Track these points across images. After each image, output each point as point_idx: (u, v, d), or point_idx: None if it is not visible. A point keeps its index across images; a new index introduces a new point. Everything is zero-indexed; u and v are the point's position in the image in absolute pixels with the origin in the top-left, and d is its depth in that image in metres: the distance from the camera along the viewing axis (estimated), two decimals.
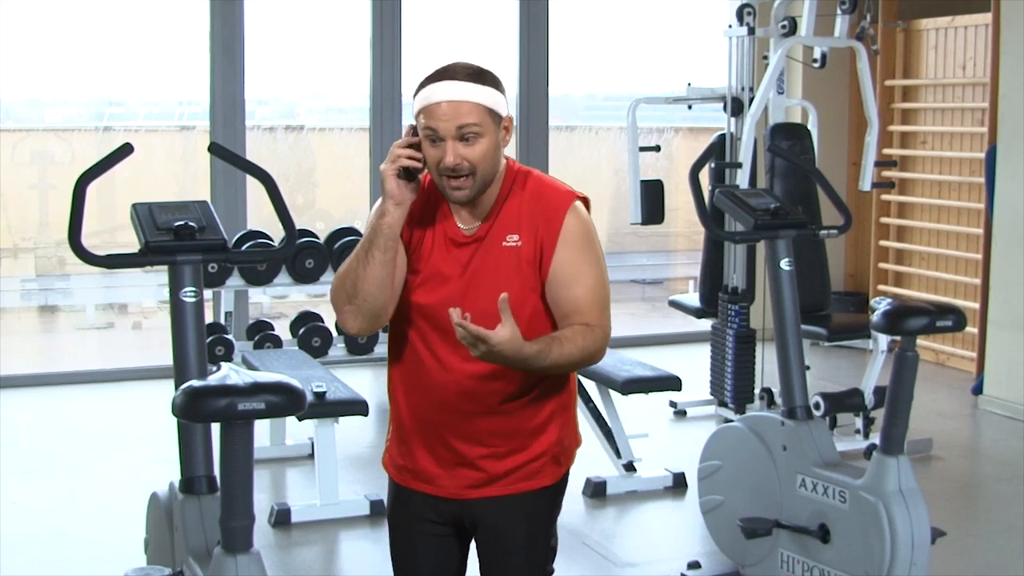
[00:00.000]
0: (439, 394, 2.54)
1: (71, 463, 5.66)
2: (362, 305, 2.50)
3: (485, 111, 2.43)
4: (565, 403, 2.63)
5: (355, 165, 8.29)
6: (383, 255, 2.46)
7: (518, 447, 2.56)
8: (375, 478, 5.41)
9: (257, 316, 7.62)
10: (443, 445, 2.57)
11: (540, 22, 7.84)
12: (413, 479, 2.63)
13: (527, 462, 2.57)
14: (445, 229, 2.54)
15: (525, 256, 2.48)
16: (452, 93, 2.41)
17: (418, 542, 2.66)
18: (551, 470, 2.61)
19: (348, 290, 2.51)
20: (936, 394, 6.96)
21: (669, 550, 4.64)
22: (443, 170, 2.43)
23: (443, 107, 2.41)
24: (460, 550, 2.69)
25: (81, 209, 3.01)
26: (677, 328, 8.48)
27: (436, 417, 2.56)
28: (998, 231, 6.67)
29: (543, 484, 2.60)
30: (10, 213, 8.49)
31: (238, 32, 7.18)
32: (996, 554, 4.63)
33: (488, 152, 2.44)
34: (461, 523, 2.64)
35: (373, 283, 2.48)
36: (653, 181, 6.32)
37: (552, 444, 2.60)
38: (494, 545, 2.63)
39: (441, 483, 2.59)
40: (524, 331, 2.41)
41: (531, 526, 2.63)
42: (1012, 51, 6.55)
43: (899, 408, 3.57)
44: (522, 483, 2.58)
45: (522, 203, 2.51)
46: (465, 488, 2.58)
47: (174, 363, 3.04)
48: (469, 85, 2.42)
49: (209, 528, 2.87)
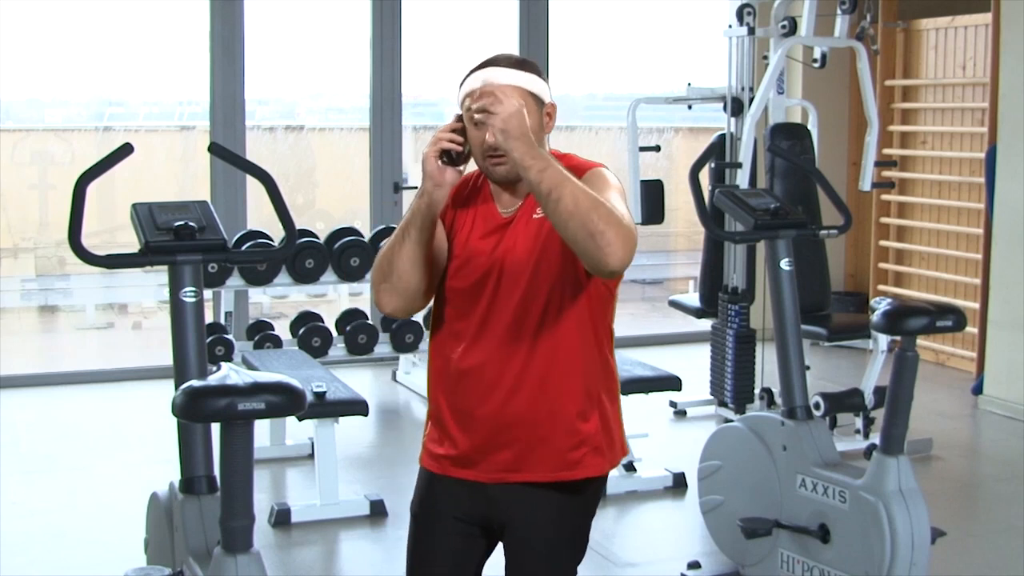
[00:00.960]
0: (475, 373, 2.54)
1: (71, 463, 5.66)
2: (397, 284, 2.53)
3: (526, 93, 2.49)
4: (606, 391, 2.60)
5: (355, 165, 8.29)
6: (419, 235, 2.50)
7: (557, 431, 2.53)
8: (375, 478, 5.41)
9: (257, 316, 7.62)
10: (482, 425, 2.55)
11: (540, 22, 7.84)
12: (450, 465, 2.60)
13: (569, 448, 2.54)
14: (485, 214, 2.57)
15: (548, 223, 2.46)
16: (495, 78, 2.48)
17: (440, 539, 2.63)
18: (593, 461, 2.56)
19: (384, 268, 2.54)
20: (936, 394, 6.96)
21: (669, 550, 4.64)
22: (486, 150, 2.47)
23: (487, 88, 2.47)
24: (483, 552, 2.66)
25: (81, 209, 3.01)
26: (677, 328, 8.48)
27: (472, 400, 2.55)
28: (998, 231, 6.67)
29: (585, 475, 2.56)
30: (10, 213, 8.49)
31: (238, 32, 7.18)
32: (996, 554, 4.63)
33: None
34: (489, 524, 2.61)
35: (408, 262, 2.51)
36: (653, 181, 6.33)
37: (593, 434, 2.56)
38: (523, 546, 2.59)
39: (479, 466, 2.56)
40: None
41: (564, 526, 2.59)
42: (1012, 51, 6.55)
43: (899, 408, 3.57)
44: (563, 471, 2.54)
45: None
46: (502, 471, 2.55)
47: (174, 363, 3.04)
48: (512, 71, 2.50)
49: (209, 528, 2.87)
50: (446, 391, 2.60)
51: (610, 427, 2.61)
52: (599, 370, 2.58)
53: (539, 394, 2.52)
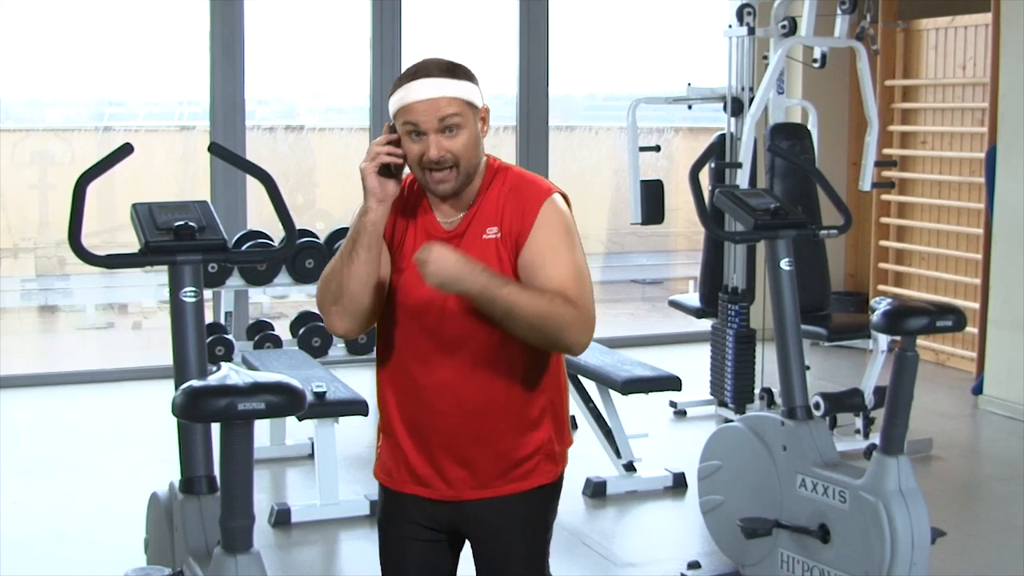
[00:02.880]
0: (426, 394, 2.53)
1: (71, 463, 5.66)
2: (348, 305, 2.50)
3: (463, 103, 2.44)
4: (555, 400, 2.61)
5: (355, 165, 8.21)
6: (367, 253, 2.46)
7: (510, 445, 2.54)
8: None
9: (257, 316, 7.62)
10: (435, 445, 2.55)
11: (540, 22, 7.84)
12: (406, 483, 2.60)
13: (521, 460, 2.55)
14: (426, 226, 2.53)
15: (505, 247, 2.47)
16: (430, 90, 2.42)
17: (408, 548, 2.63)
18: (546, 468, 2.59)
19: (334, 291, 2.51)
20: (936, 394, 6.96)
21: (669, 550, 4.64)
22: (426, 164, 2.44)
23: (423, 103, 2.42)
24: (452, 557, 2.67)
25: (81, 209, 3.01)
26: (677, 328, 8.47)
27: (426, 418, 2.54)
28: (998, 231, 6.67)
29: (540, 483, 2.58)
30: (10, 213, 8.49)
31: (238, 32, 7.18)
32: (996, 554, 4.63)
33: (470, 143, 2.45)
34: (455, 530, 2.62)
35: (358, 282, 2.47)
36: (653, 181, 6.32)
37: (545, 441, 2.58)
38: (491, 550, 2.61)
39: (435, 485, 2.57)
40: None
41: (528, 529, 2.61)
42: (1012, 51, 6.55)
43: (899, 408, 3.57)
44: (518, 483, 2.56)
45: (500, 196, 2.50)
46: (460, 489, 2.56)
47: (174, 363, 3.04)
48: (445, 81, 2.44)
49: (209, 528, 2.87)
50: (399, 412, 2.59)
51: (559, 429, 2.62)
52: (549, 373, 2.58)
53: (494, 411, 2.51)
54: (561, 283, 2.41)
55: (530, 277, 2.44)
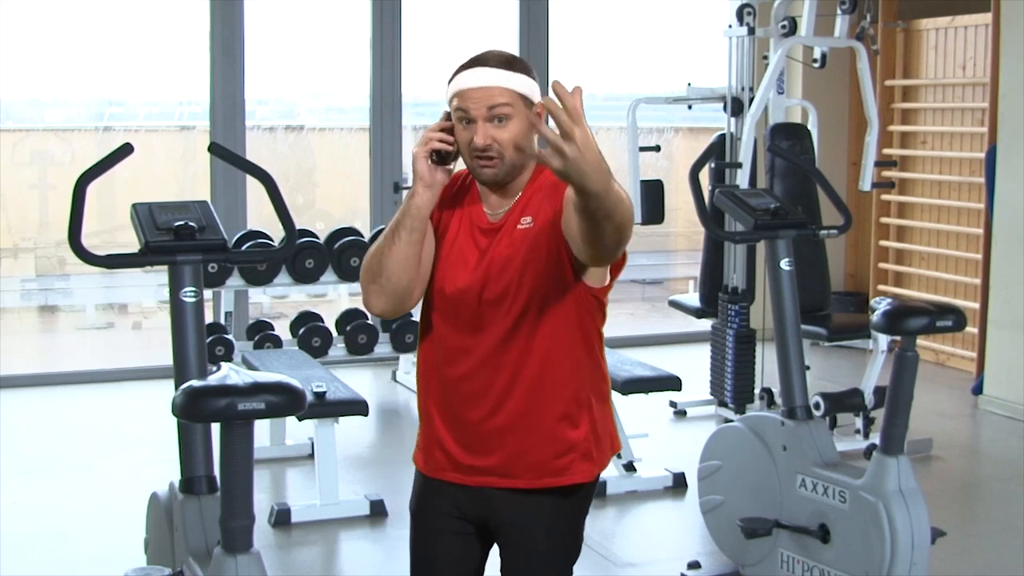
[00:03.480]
0: (461, 380, 2.53)
1: (71, 463, 5.66)
2: (386, 285, 2.52)
3: (516, 95, 2.46)
4: (596, 394, 2.59)
5: (355, 165, 8.29)
6: (409, 236, 2.48)
7: (545, 438, 2.52)
8: (375, 478, 5.41)
9: (257, 316, 7.62)
10: (470, 431, 2.55)
11: (540, 22, 7.84)
12: (442, 468, 2.60)
13: (556, 455, 2.54)
14: (472, 215, 2.55)
15: (539, 232, 2.47)
16: (484, 79, 2.45)
17: (440, 539, 2.63)
18: (581, 467, 2.56)
19: (374, 269, 2.53)
20: (936, 394, 6.96)
21: (669, 550, 4.64)
22: (473, 150, 2.46)
23: (475, 91, 2.44)
24: (481, 550, 2.66)
25: (81, 209, 3.01)
26: (677, 328, 8.47)
27: (460, 402, 2.55)
28: (998, 231, 6.67)
29: (571, 481, 2.56)
30: (10, 213, 8.49)
31: (238, 32, 7.18)
32: (996, 554, 4.63)
33: (518, 135, 2.45)
34: (485, 524, 2.61)
35: (397, 263, 2.49)
36: (653, 181, 6.32)
37: (582, 439, 2.55)
38: (517, 547, 2.60)
39: (469, 471, 2.56)
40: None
41: (557, 527, 2.59)
42: (1012, 51, 6.55)
43: (899, 408, 3.57)
44: (549, 478, 2.54)
45: (541, 189, 2.52)
46: (492, 476, 2.55)
47: (174, 363, 3.04)
48: (500, 71, 2.46)
49: (209, 528, 2.87)
50: (436, 395, 2.60)
51: (599, 432, 2.61)
52: (589, 375, 2.57)
53: (528, 401, 2.51)
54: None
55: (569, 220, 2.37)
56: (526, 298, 2.47)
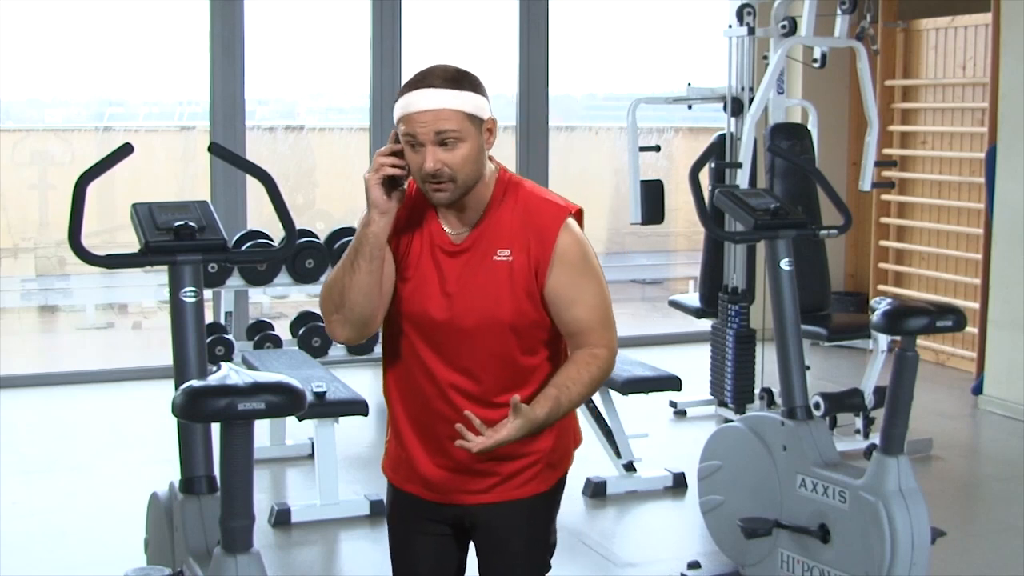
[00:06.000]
0: (430, 401, 2.54)
1: (71, 463, 5.66)
2: (349, 315, 2.49)
3: (464, 116, 2.40)
4: None
5: (355, 165, 8.29)
6: (369, 264, 2.45)
7: (511, 453, 2.53)
8: (375, 478, 5.41)
9: (257, 316, 7.62)
10: (437, 450, 2.57)
11: (540, 22, 7.84)
12: (410, 483, 2.62)
13: (521, 469, 2.57)
14: (432, 236, 2.52)
15: (518, 271, 2.46)
16: (430, 101, 2.40)
17: (417, 542, 2.66)
18: (545, 475, 2.61)
19: (335, 300, 2.49)
20: (936, 394, 6.96)
21: (669, 550, 4.64)
22: (424, 176, 2.42)
23: (422, 114, 2.39)
24: (459, 550, 2.69)
25: (81, 209, 3.01)
26: (677, 328, 8.47)
27: (429, 423, 2.56)
28: (998, 231, 6.67)
29: (537, 490, 2.60)
30: (10, 213, 8.49)
31: (238, 32, 7.18)
32: (996, 554, 4.63)
33: (469, 157, 2.42)
34: (460, 523, 2.64)
35: (360, 292, 2.46)
36: (653, 181, 6.32)
37: (547, 451, 2.59)
38: (492, 547, 2.64)
39: (438, 488, 2.59)
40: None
41: (529, 529, 2.63)
42: (1012, 51, 6.55)
43: (899, 408, 3.57)
44: (517, 490, 2.58)
45: (513, 216, 2.48)
46: (461, 494, 2.58)
47: (174, 363, 3.04)
48: (447, 92, 2.40)
49: (209, 528, 2.87)
50: (404, 417, 2.60)
51: (562, 439, 2.63)
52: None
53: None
54: (586, 323, 2.50)
55: (557, 315, 2.50)
56: (500, 327, 2.47)
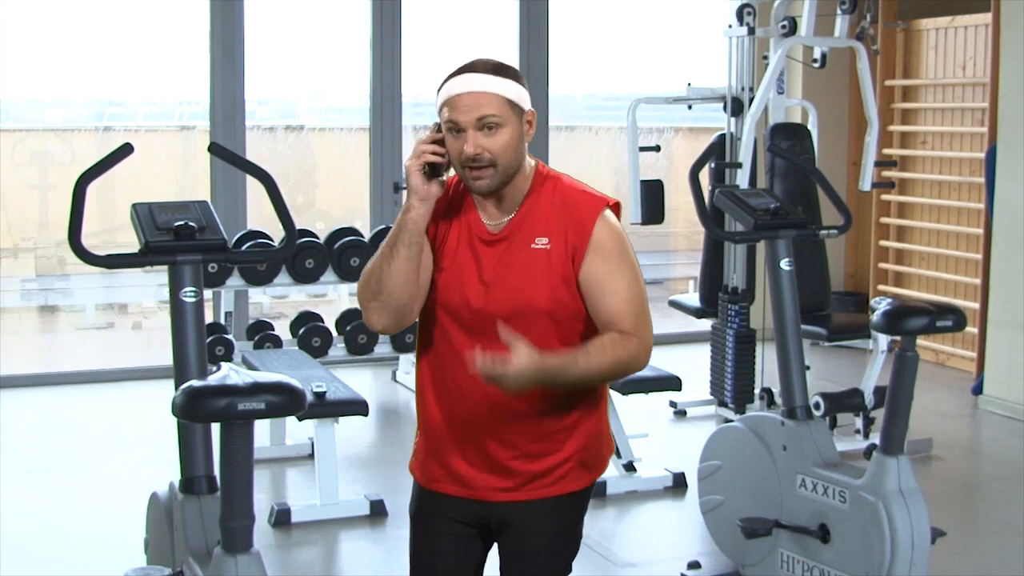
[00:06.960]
0: (465, 394, 2.53)
1: (71, 463, 5.66)
2: (386, 301, 2.50)
3: (505, 102, 2.44)
4: (594, 406, 2.61)
5: (355, 165, 8.29)
6: (407, 251, 2.47)
7: (546, 450, 2.54)
8: (375, 478, 5.41)
9: (257, 316, 7.62)
10: (471, 446, 2.56)
11: (540, 22, 7.84)
12: (440, 481, 2.61)
13: (554, 466, 2.56)
14: (471, 226, 2.53)
15: (555, 259, 2.47)
16: (472, 85, 2.43)
17: (440, 541, 2.64)
18: (577, 474, 2.59)
19: (373, 287, 2.51)
20: (936, 394, 6.96)
21: (669, 550, 4.64)
22: (464, 160, 2.44)
23: (463, 99, 2.42)
24: (482, 551, 2.68)
25: (81, 209, 3.01)
26: (677, 328, 8.47)
27: (464, 417, 2.55)
28: (998, 231, 6.67)
29: (569, 489, 2.59)
30: (10, 213, 8.49)
31: (238, 32, 7.18)
32: (996, 554, 4.63)
33: (509, 143, 2.44)
34: (486, 524, 2.63)
35: (397, 279, 2.48)
36: (653, 181, 6.32)
37: (580, 449, 2.58)
38: (518, 546, 2.62)
39: (469, 485, 2.58)
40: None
41: (556, 530, 2.62)
42: (1012, 51, 6.55)
43: (899, 408, 3.57)
44: (549, 488, 2.57)
45: (552, 207, 2.50)
46: (492, 491, 2.57)
47: (174, 363, 3.04)
48: (489, 77, 2.44)
49: (209, 528, 2.87)
50: (437, 410, 2.60)
51: (597, 438, 2.63)
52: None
53: (525, 414, 2.51)
54: (618, 312, 2.48)
55: (591, 303, 2.49)
56: (538, 315, 2.47)
